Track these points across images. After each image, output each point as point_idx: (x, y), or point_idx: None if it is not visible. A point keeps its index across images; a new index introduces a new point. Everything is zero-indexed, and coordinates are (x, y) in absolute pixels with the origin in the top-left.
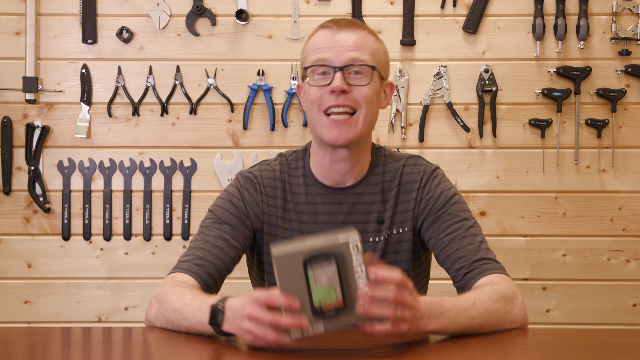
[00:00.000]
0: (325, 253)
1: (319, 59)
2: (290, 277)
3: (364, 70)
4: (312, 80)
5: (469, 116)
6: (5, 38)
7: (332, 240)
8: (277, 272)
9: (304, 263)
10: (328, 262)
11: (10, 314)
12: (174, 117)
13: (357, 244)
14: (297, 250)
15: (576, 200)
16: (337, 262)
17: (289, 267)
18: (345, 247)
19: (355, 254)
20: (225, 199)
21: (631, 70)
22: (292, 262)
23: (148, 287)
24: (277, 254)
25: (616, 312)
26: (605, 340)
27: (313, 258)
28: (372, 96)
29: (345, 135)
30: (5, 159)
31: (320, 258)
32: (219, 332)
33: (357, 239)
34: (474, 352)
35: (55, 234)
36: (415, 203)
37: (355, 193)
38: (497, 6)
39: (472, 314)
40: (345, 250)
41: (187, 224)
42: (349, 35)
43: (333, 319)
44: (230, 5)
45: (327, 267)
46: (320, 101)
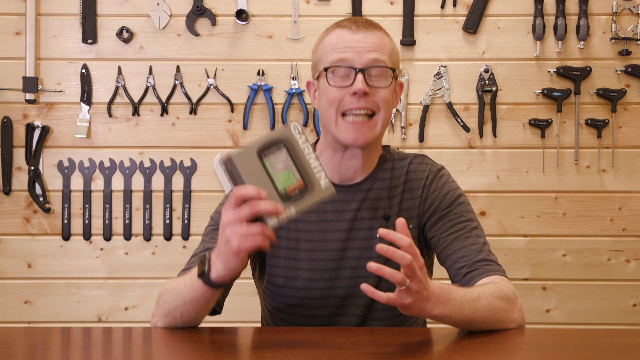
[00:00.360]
0: (273, 142)
1: (339, 59)
2: (251, 171)
3: (384, 72)
4: (331, 81)
5: (469, 116)
6: (5, 38)
7: (275, 130)
8: (239, 171)
9: (258, 155)
10: (278, 148)
11: (10, 314)
12: (174, 117)
13: (298, 127)
14: (249, 145)
15: (576, 200)
16: (286, 147)
17: (246, 163)
18: (287, 131)
19: (298, 135)
20: None
21: (631, 70)
22: (247, 157)
23: (148, 287)
24: (233, 154)
25: (616, 312)
26: (605, 340)
27: (264, 149)
28: (390, 98)
29: (364, 137)
30: (5, 159)
31: (271, 147)
32: (208, 283)
33: (298, 124)
34: (474, 352)
35: (55, 234)
36: (421, 201)
37: (364, 189)
38: (497, 6)
39: (477, 306)
40: (289, 134)
41: (187, 224)
42: (368, 36)
43: (300, 200)
44: (230, 5)
45: (279, 153)
46: (340, 102)
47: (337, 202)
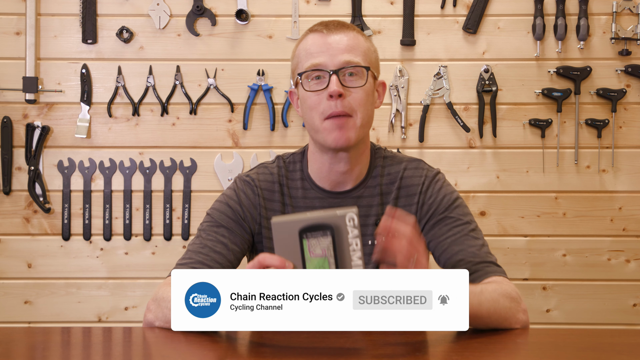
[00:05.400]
0: (321, 224)
1: (313, 64)
2: (286, 245)
3: (359, 72)
4: (307, 86)
5: (469, 116)
6: (5, 38)
7: (330, 212)
8: (275, 239)
9: (299, 233)
10: (324, 233)
11: (10, 314)
12: (174, 117)
13: (354, 219)
14: (295, 219)
15: (576, 200)
16: (332, 235)
17: (285, 235)
18: (341, 220)
19: (351, 228)
20: (222, 202)
21: (631, 70)
22: (288, 230)
23: (148, 287)
24: (276, 221)
25: (616, 312)
26: (605, 340)
27: (309, 229)
28: (367, 98)
29: (344, 137)
30: (5, 159)
31: (317, 229)
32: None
33: (355, 214)
34: (474, 352)
35: (55, 234)
36: (417, 207)
37: (354, 197)
38: (497, 6)
39: (481, 299)
40: (341, 224)
41: (187, 224)
42: (340, 38)
43: None
44: (230, 5)
45: (323, 239)
46: (319, 108)
47: (326, 207)
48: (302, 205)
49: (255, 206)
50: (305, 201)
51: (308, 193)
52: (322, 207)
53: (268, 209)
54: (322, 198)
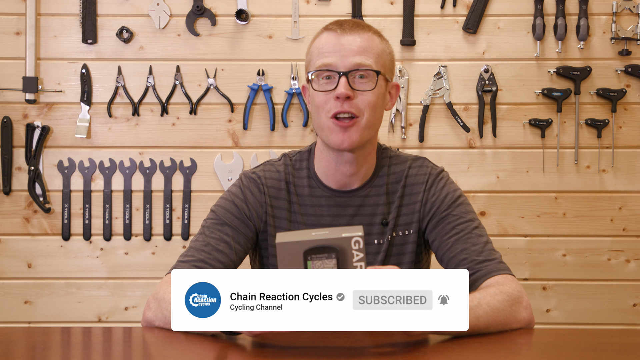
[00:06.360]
0: (326, 246)
1: (323, 64)
2: (291, 266)
3: (369, 75)
4: (316, 85)
5: (469, 116)
6: (5, 38)
7: (335, 234)
8: (279, 259)
9: (304, 254)
10: (328, 256)
11: (10, 314)
12: (174, 117)
13: (360, 241)
14: (300, 239)
15: (576, 200)
16: (337, 257)
17: (289, 255)
18: (346, 242)
19: (356, 251)
20: (227, 199)
21: (631, 70)
22: (293, 251)
23: (148, 287)
24: (280, 240)
25: (616, 312)
26: (605, 340)
27: (314, 250)
28: (376, 101)
29: (349, 139)
30: (5, 159)
31: (321, 251)
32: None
33: (360, 236)
34: (475, 352)
35: (55, 234)
36: (421, 205)
37: (361, 196)
38: (497, 6)
39: (478, 313)
40: (346, 246)
41: (187, 224)
42: (353, 39)
43: None
44: (230, 5)
45: (327, 261)
46: (326, 107)
47: (333, 206)
48: (309, 203)
49: (261, 204)
50: (312, 200)
51: (314, 191)
52: (329, 205)
53: (274, 207)
54: (329, 197)
